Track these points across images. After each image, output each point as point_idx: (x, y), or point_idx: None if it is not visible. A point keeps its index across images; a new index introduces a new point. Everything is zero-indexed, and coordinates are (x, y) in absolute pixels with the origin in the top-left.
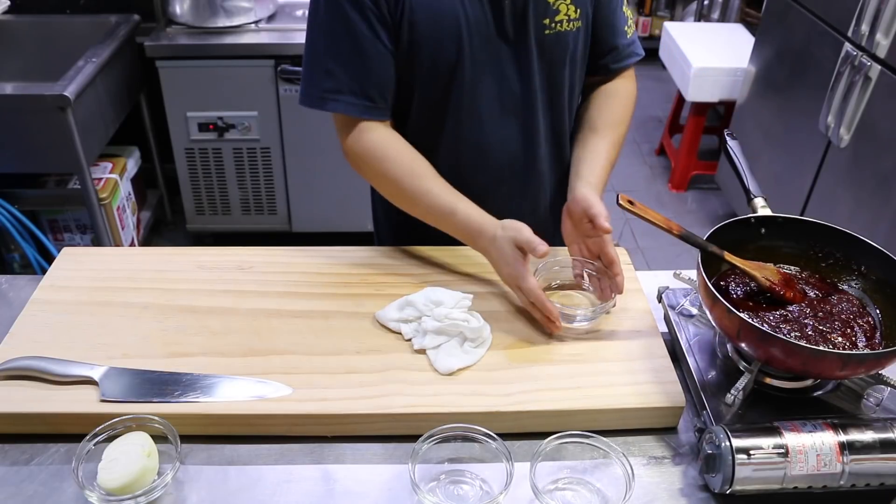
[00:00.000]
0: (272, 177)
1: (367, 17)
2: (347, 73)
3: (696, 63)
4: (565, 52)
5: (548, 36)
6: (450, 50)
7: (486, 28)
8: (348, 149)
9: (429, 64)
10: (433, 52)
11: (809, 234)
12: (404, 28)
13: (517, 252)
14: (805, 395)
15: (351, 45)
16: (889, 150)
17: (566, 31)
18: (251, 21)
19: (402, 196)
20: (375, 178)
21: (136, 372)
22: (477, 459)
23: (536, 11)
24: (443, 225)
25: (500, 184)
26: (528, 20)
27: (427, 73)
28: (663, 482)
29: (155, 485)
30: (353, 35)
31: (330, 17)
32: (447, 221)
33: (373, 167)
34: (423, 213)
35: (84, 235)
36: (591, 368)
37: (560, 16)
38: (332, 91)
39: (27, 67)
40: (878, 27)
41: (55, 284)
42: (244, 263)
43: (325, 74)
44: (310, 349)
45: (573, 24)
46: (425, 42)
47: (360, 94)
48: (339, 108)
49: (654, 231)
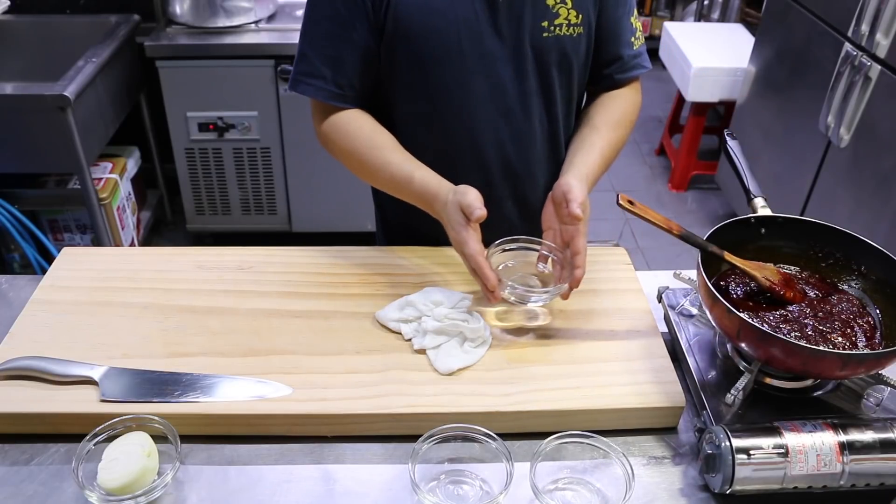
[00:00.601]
0: (272, 177)
1: (349, 4)
2: (319, 58)
3: (696, 63)
4: (564, 56)
5: (546, 39)
6: (434, 45)
7: (478, 26)
8: (319, 130)
9: (412, 58)
10: (417, 46)
11: (809, 234)
12: (389, 21)
13: (461, 216)
14: (805, 395)
15: (326, 31)
16: (889, 150)
17: (566, 36)
18: (251, 21)
19: (363, 168)
20: (341, 155)
21: (136, 372)
22: (477, 459)
23: (534, 14)
24: (404, 194)
25: (493, 186)
26: (524, 22)
27: (410, 67)
28: (663, 482)
29: (155, 485)
30: (330, 20)
31: (314, 3)
32: (407, 190)
33: (337, 143)
34: (384, 183)
35: (84, 235)
36: (590, 368)
37: (560, 20)
38: (304, 74)
39: (27, 67)
40: (878, 27)
41: (55, 284)
42: (244, 263)
43: (301, 57)
44: (310, 349)
45: (574, 30)
46: (409, 36)
47: (329, 80)
48: (309, 92)
49: (654, 231)
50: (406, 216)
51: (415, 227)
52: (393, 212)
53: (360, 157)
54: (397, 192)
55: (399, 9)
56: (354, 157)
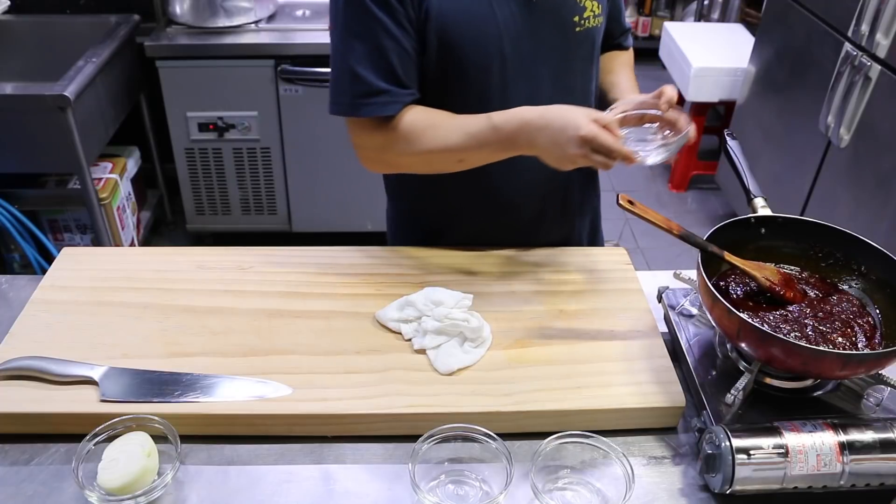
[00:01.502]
0: (272, 177)
1: (392, 14)
2: (377, 74)
3: (696, 63)
4: (593, 48)
5: (578, 33)
6: (477, 51)
7: (516, 28)
8: (376, 142)
9: (456, 66)
10: (461, 54)
11: (809, 234)
12: (430, 32)
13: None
14: (805, 395)
15: (375, 46)
16: (889, 150)
17: (593, 28)
18: (251, 21)
19: (446, 147)
20: (416, 156)
21: (136, 372)
22: (477, 459)
23: (566, 10)
24: (492, 136)
25: (532, 187)
26: (558, 19)
27: (452, 75)
28: (663, 482)
29: (155, 485)
30: (376, 34)
31: (354, 18)
32: (491, 133)
33: (417, 141)
34: (466, 141)
35: (84, 235)
36: (591, 368)
37: (587, 13)
38: (364, 95)
39: (27, 67)
40: (878, 27)
41: (55, 284)
42: (244, 263)
43: (353, 79)
44: (310, 349)
45: (598, 20)
46: (453, 45)
47: (394, 93)
48: (376, 111)
49: (654, 231)
50: (417, 213)
51: (424, 221)
52: (406, 206)
53: (444, 139)
54: (479, 145)
55: (440, 19)
56: (435, 146)
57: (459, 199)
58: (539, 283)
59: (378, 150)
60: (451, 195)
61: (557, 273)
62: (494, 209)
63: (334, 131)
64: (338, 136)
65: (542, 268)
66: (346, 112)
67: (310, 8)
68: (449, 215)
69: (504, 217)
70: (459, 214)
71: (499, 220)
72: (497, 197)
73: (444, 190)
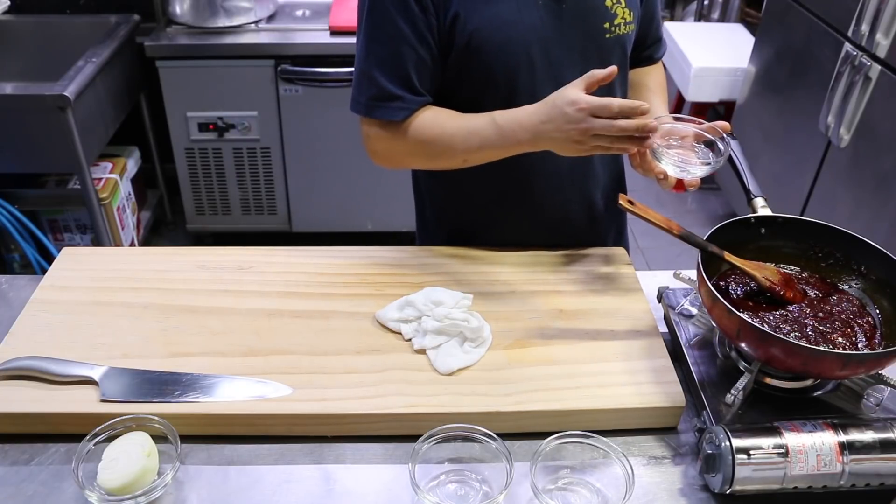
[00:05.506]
0: (272, 177)
1: (413, 21)
2: (392, 80)
3: (696, 63)
4: (623, 55)
5: (608, 40)
6: (506, 57)
7: (545, 34)
8: (387, 146)
9: (484, 72)
10: (490, 59)
11: (809, 234)
12: (458, 37)
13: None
14: (805, 395)
15: (394, 52)
16: (889, 150)
17: (624, 35)
18: (251, 21)
19: (450, 148)
20: (431, 153)
21: (136, 372)
22: (477, 459)
23: (596, 16)
24: (493, 135)
25: (558, 191)
26: (588, 25)
27: (480, 80)
28: (663, 482)
29: (155, 485)
30: (396, 40)
31: (376, 24)
32: (493, 132)
33: (427, 145)
34: (468, 141)
35: (84, 235)
36: (591, 368)
37: (618, 19)
38: (378, 99)
39: (27, 67)
40: (878, 27)
41: (55, 284)
42: (244, 263)
43: (370, 82)
44: (310, 349)
45: (629, 28)
46: (482, 50)
47: (407, 99)
48: (387, 115)
49: (654, 231)
50: (454, 213)
51: (453, 224)
52: (434, 210)
53: (449, 141)
54: (483, 140)
55: (469, 24)
56: (439, 148)
57: (486, 203)
58: (539, 283)
59: (386, 148)
60: (476, 199)
61: (557, 273)
62: (522, 212)
63: (334, 131)
64: (338, 137)
65: (542, 268)
66: (360, 111)
67: (310, 8)
68: (476, 219)
69: (531, 220)
70: (487, 218)
71: (526, 222)
72: (524, 200)
73: (471, 194)
